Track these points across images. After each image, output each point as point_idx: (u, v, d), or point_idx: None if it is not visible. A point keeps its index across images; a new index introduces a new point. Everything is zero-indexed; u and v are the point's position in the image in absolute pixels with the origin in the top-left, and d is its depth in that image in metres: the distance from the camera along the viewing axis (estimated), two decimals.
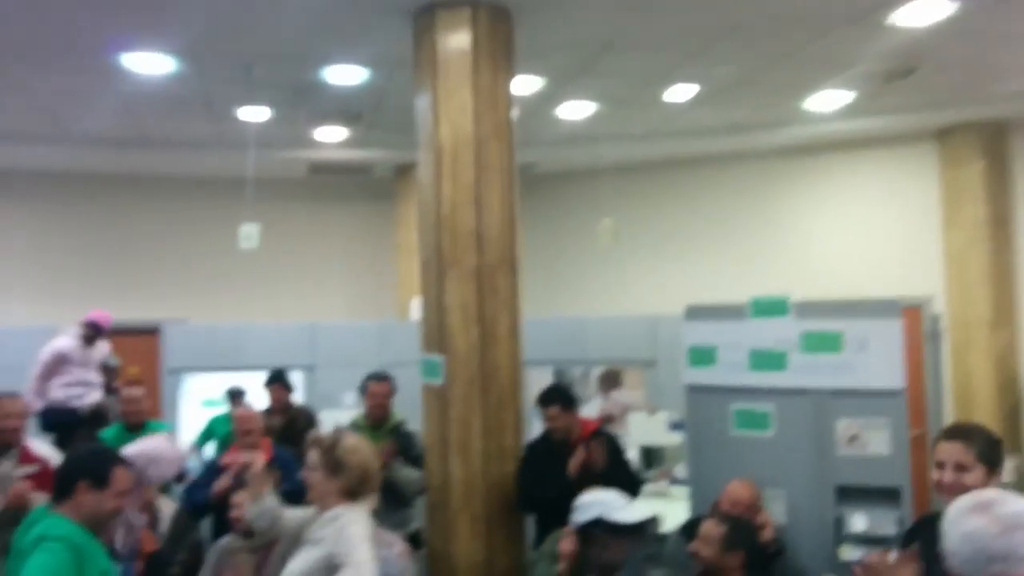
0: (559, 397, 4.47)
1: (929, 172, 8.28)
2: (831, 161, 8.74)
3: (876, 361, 4.07)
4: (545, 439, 4.52)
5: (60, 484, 2.66)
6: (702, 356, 4.47)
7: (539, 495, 4.27)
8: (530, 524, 4.74)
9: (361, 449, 2.95)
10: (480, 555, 4.39)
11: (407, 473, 4.74)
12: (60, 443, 5.45)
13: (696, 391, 4.53)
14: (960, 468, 2.54)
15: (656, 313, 7.62)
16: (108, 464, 2.71)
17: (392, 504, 4.43)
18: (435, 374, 4.49)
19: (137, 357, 8.44)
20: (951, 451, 2.57)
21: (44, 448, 4.45)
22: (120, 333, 8.10)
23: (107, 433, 5.20)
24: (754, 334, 4.35)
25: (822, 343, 4.19)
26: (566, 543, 3.71)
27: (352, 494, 2.88)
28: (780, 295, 4.38)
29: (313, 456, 2.91)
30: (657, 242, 9.46)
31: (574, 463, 4.22)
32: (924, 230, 8.26)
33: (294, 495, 4.69)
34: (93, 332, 6.12)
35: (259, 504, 3.03)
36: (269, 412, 5.65)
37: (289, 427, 5.45)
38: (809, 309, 4.31)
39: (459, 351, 4.44)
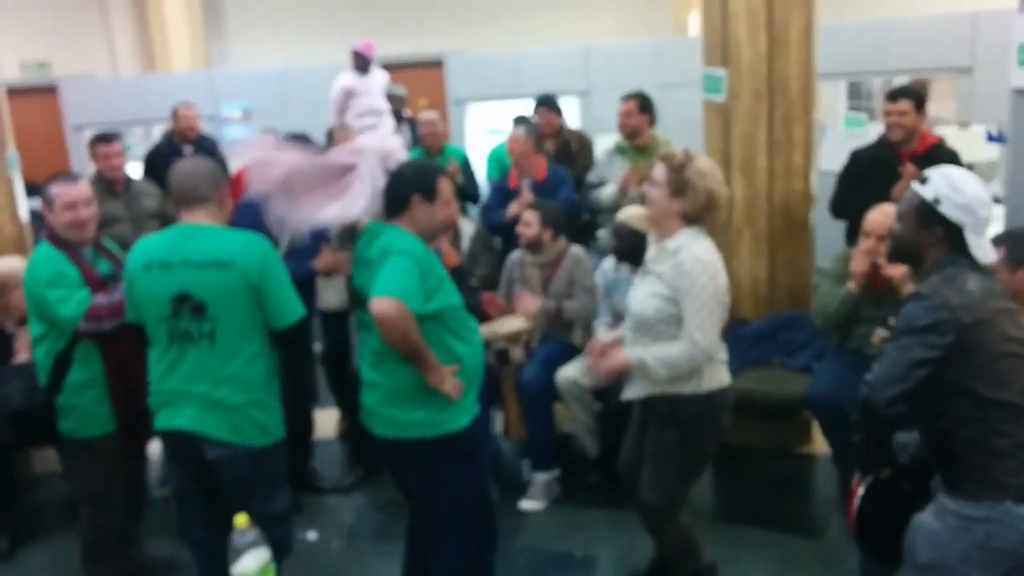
0: (913, 93, 4.07)
1: None
2: None
3: None
4: (879, 145, 4.18)
5: (394, 199, 2.73)
6: None
7: (855, 202, 4.00)
8: (822, 243, 4.56)
9: (713, 175, 2.80)
10: (762, 273, 4.36)
11: None
12: None
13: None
14: None
15: (975, 9, 6.57)
16: (435, 176, 2.78)
17: None
18: (717, 89, 4.26)
19: (423, 89, 8.89)
20: None
21: None
22: (406, 67, 8.53)
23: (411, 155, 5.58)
24: None
25: None
26: (859, 262, 3.55)
27: (693, 219, 2.79)
28: None
29: (660, 173, 2.80)
30: None
31: (906, 178, 3.82)
32: None
33: (568, 210, 4.87)
34: (360, 60, 6.55)
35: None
36: (540, 137, 5.72)
37: (562, 151, 5.48)
38: None
39: (744, 62, 4.14)
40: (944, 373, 2.14)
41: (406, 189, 2.73)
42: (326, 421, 4.74)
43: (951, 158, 4.01)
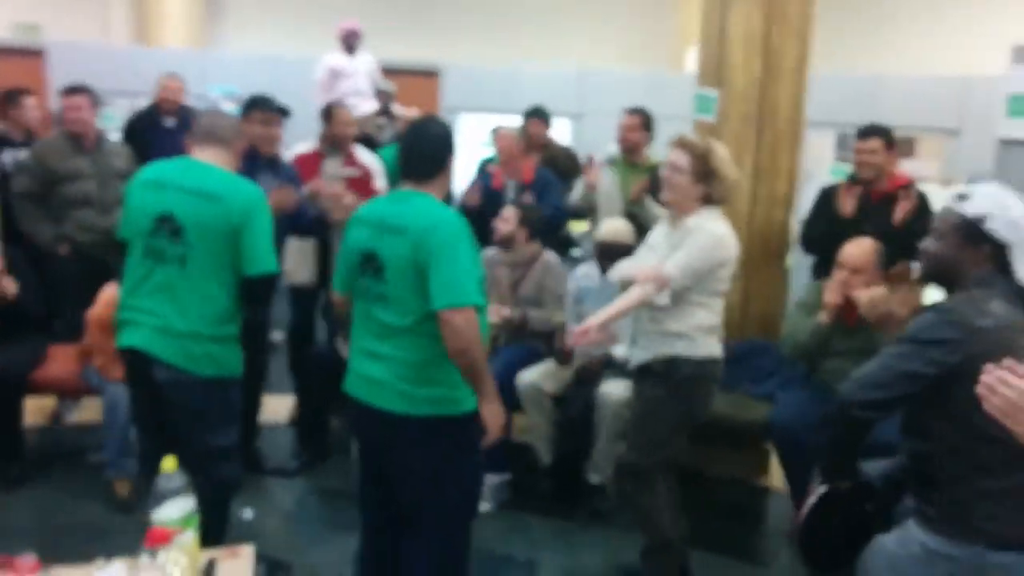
0: (882, 132, 4.14)
1: None
2: None
3: None
4: (850, 182, 4.22)
5: (429, 160, 2.47)
6: None
7: (824, 236, 4.04)
8: (797, 283, 4.54)
9: (730, 161, 2.96)
10: (735, 297, 4.30)
11: (657, 212, 4.58)
12: None
13: (1010, 146, 3.95)
14: None
15: (968, 73, 6.67)
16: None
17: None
18: (707, 110, 4.24)
19: (418, 97, 8.86)
20: None
21: (367, 155, 4.74)
22: (403, 73, 8.51)
23: (386, 153, 5.28)
24: None
25: None
26: (832, 293, 3.52)
27: (714, 202, 2.94)
28: None
29: (682, 159, 2.89)
30: None
31: (901, 211, 3.90)
32: None
33: (554, 218, 4.82)
34: (349, 37, 6.63)
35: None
36: (527, 148, 5.60)
37: (549, 165, 5.39)
38: None
39: (736, 85, 4.12)
40: (944, 393, 2.00)
41: (444, 149, 2.46)
42: (280, 406, 4.62)
43: (921, 200, 4.03)
